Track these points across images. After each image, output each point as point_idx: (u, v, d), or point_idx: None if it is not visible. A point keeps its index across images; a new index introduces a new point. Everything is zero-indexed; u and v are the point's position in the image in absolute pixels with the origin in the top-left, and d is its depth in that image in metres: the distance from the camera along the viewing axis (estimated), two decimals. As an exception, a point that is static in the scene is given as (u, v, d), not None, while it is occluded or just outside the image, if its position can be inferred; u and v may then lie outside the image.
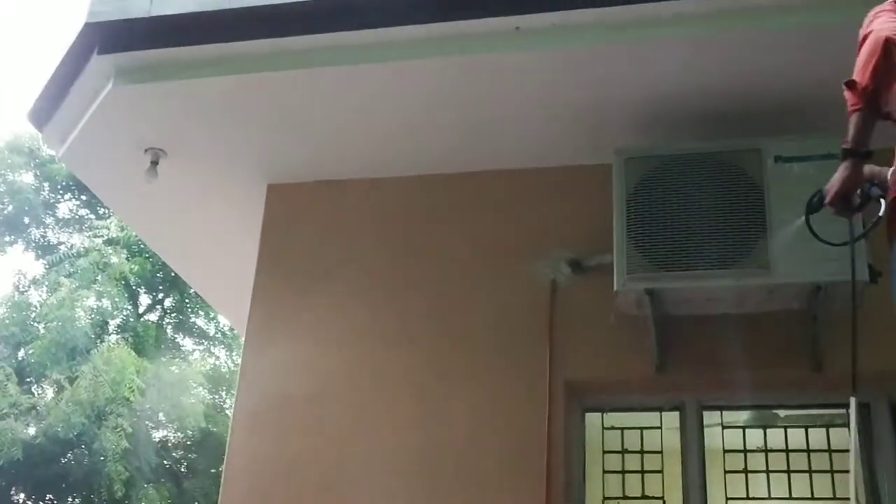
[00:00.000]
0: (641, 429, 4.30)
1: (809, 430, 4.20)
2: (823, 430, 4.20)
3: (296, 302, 4.67)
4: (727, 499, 4.16)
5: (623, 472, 4.27)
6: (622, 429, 4.33)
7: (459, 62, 4.04)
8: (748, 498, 4.15)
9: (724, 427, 4.26)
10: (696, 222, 3.85)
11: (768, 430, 4.26)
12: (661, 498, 4.20)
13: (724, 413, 4.27)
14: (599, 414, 4.34)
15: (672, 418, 4.25)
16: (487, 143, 4.49)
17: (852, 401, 2.81)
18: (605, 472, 4.28)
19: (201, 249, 5.77)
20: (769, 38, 3.80)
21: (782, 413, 4.30)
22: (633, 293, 3.89)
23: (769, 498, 4.14)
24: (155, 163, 4.69)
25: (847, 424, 4.13)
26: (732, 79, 4.00)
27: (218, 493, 4.41)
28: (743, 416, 4.32)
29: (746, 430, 4.26)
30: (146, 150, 4.70)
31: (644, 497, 4.22)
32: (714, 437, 4.23)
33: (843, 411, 4.18)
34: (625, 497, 4.23)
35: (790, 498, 4.11)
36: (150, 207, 5.29)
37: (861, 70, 2.44)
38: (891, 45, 2.39)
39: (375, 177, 4.78)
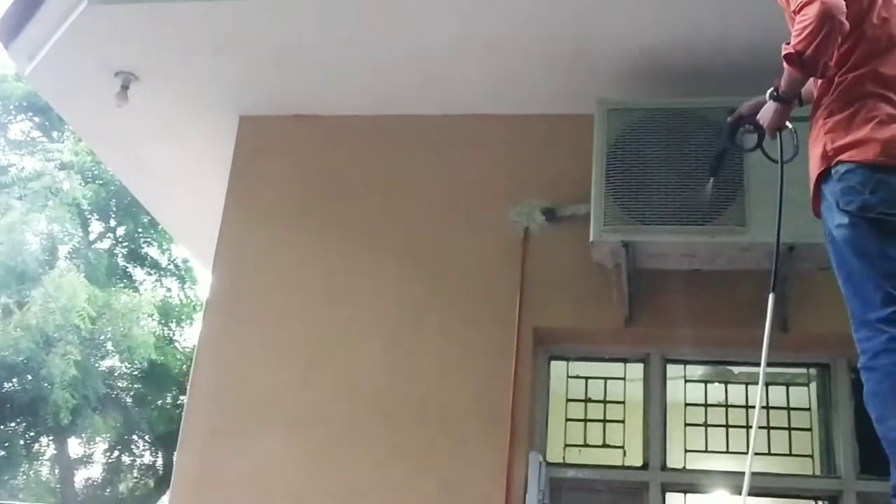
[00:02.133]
0: (605, 379, 4.35)
1: (770, 387, 4.27)
2: (783, 388, 4.28)
3: (265, 238, 4.62)
4: (686, 451, 4.23)
5: (585, 420, 4.32)
6: (586, 378, 4.37)
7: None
8: (707, 451, 4.23)
9: (686, 381, 4.32)
10: (674, 177, 3.85)
11: (729, 386, 4.32)
12: (622, 447, 4.26)
13: (687, 367, 4.33)
14: (565, 362, 4.37)
15: (636, 370, 4.30)
16: (470, 86, 4.44)
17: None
18: (567, 419, 4.33)
19: (166, 178, 5.66)
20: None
21: (745, 370, 4.36)
22: (609, 245, 3.90)
23: (727, 452, 4.21)
24: (126, 87, 4.57)
25: (808, 384, 4.24)
26: (717, 34, 3.99)
27: (164, 423, 4.38)
28: (707, 371, 4.38)
29: (708, 385, 4.32)
30: (117, 74, 4.57)
31: (605, 446, 4.28)
32: (676, 391, 4.30)
33: (804, 371, 4.29)
34: (586, 445, 4.28)
35: (748, 453, 4.18)
36: (117, 131, 5.16)
37: (805, 37, 2.39)
38: (835, 22, 2.35)
39: (353, 114, 4.71)
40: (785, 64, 2.50)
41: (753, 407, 4.23)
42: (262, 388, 4.29)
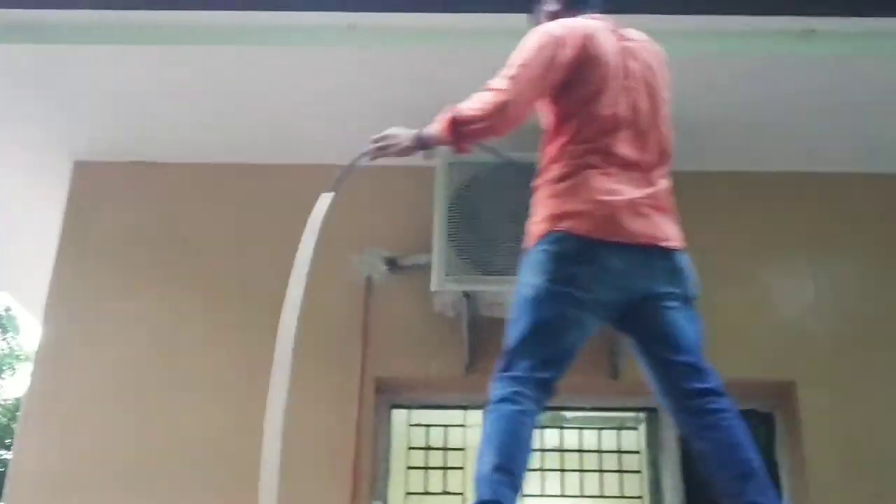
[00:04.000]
0: (445, 426, 4.41)
1: (602, 431, 4.44)
2: (615, 432, 4.45)
3: (99, 286, 4.47)
4: (522, 495, 4.31)
5: (426, 468, 4.36)
6: (427, 426, 4.42)
7: (271, 52, 4.00)
8: (543, 495, 4.34)
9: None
10: (512, 228, 3.93)
11: (564, 431, 4.46)
12: (461, 493, 4.32)
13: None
14: (406, 411, 4.41)
15: (476, 416, 4.37)
16: (312, 136, 4.46)
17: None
18: (408, 467, 4.36)
19: (-7, 221, 5.41)
20: None
21: (579, 415, 4.51)
22: (450, 294, 3.98)
23: (562, 496, 4.34)
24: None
25: (637, 427, 4.43)
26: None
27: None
28: (542, 417, 4.49)
29: (544, 430, 4.44)
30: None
31: (445, 493, 4.33)
32: (513, 437, 4.38)
33: (634, 415, 4.48)
34: (427, 492, 4.32)
35: (582, 496, 4.33)
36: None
37: (473, 114, 2.43)
38: (509, 112, 2.40)
39: (193, 161, 4.65)
40: (443, 120, 2.49)
41: (586, 451, 4.41)
42: (93, 444, 4.13)
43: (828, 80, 4.01)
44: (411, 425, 4.42)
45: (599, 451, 4.40)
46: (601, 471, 4.36)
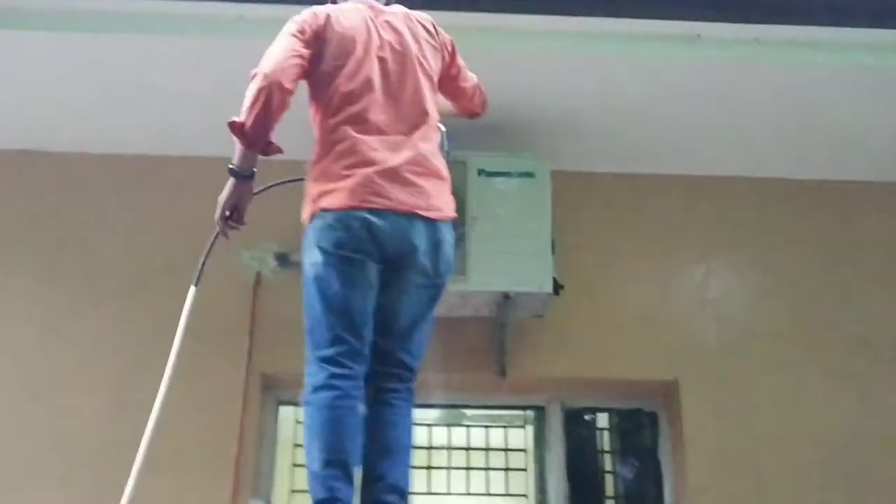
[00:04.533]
0: (333, 423, 4.35)
1: (490, 429, 4.45)
2: (503, 430, 4.46)
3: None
4: (409, 492, 4.30)
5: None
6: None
7: (162, 42, 3.91)
8: (429, 493, 4.34)
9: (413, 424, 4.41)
10: None
11: (452, 429, 4.46)
12: (346, 491, 4.27)
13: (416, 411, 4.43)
14: (294, 407, 4.36)
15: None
16: (203, 129, 4.36)
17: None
18: (294, 465, 4.31)
19: None
20: (492, 61, 3.94)
21: (468, 413, 4.53)
22: (334, 289, 3.93)
23: (448, 493, 4.34)
24: None
25: (524, 426, 4.46)
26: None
27: None
28: (432, 415, 4.49)
29: (432, 428, 4.44)
30: None
31: (330, 490, 4.28)
32: (402, 434, 4.37)
33: (522, 413, 4.50)
34: (313, 490, 4.27)
35: (468, 493, 4.34)
36: None
37: (247, 110, 2.50)
38: (273, 92, 2.47)
39: (84, 151, 4.53)
40: (232, 134, 2.56)
41: (474, 449, 4.42)
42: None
43: (713, 85, 4.08)
44: (299, 422, 4.36)
45: (487, 449, 4.40)
46: (488, 468, 4.36)
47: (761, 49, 3.87)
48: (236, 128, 2.51)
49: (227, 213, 2.73)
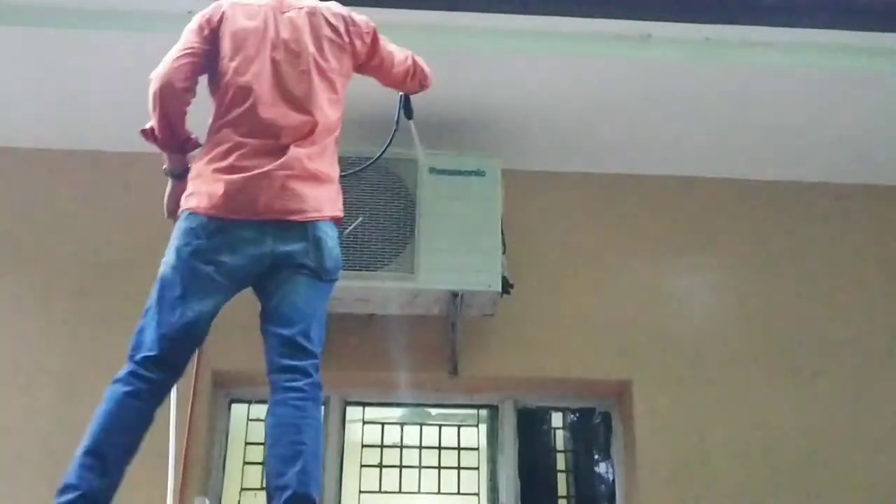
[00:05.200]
0: (286, 421, 4.33)
1: (443, 428, 4.44)
2: (455, 429, 4.45)
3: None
4: (360, 492, 4.30)
5: (263, 463, 4.25)
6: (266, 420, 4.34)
7: (100, 37, 3.88)
8: (380, 492, 4.32)
9: (364, 423, 4.40)
10: (350, 223, 3.92)
11: (405, 428, 4.44)
12: (295, 489, 4.25)
13: (366, 409, 4.43)
14: (246, 405, 4.35)
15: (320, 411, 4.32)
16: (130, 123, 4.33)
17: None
18: (245, 463, 4.29)
19: None
20: (444, 58, 3.86)
21: (419, 411, 4.51)
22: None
23: (399, 492, 4.32)
24: None
25: (477, 425, 4.45)
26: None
27: None
28: (384, 413, 4.48)
29: (384, 427, 4.42)
30: None
31: (278, 488, 4.26)
32: (354, 433, 4.37)
33: (474, 412, 4.49)
34: (262, 488, 4.21)
35: (419, 492, 4.33)
36: None
37: (151, 115, 2.58)
38: (165, 94, 2.52)
39: (46, 147, 4.51)
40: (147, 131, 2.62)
41: (426, 448, 4.40)
42: None
43: (664, 85, 4.08)
44: (250, 420, 4.35)
45: (439, 448, 4.38)
46: (440, 467, 4.34)
47: (712, 48, 3.87)
48: (148, 134, 2.56)
49: (172, 209, 2.74)
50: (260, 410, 4.35)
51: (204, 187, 2.49)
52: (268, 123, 2.55)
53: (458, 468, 4.36)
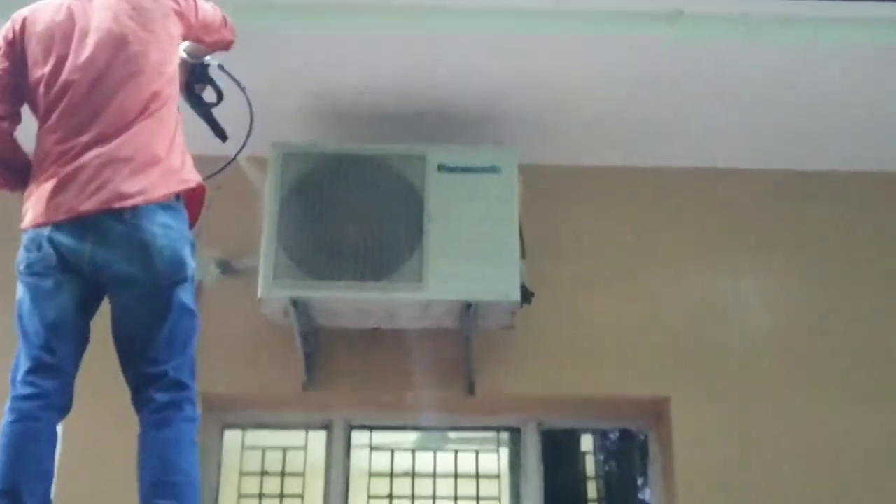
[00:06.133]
0: (284, 449, 4.04)
1: (459, 454, 4.13)
2: (473, 454, 4.14)
3: None
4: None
5: (260, 495, 3.98)
6: (264, 448, 4.03)
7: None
8: (391, 524, 3.99)
9: (371, 449, 4.08)
10: (351, 228, 3.67)
11: (417, 454, 4.13)
12: (299, 524, 3.94)
13: (374, 434, 4.12)
14: (240, 431, 4.05)
15: (319, 437, 4.02)
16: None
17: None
18: (241, 495, 3.99)
19: None
20: (452, 41, 3.64)
21: (434, 435, 4.21)
22: (278, 302, 3.60)
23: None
24: None
25: (497, 449, 4.11)
26: (406, 81, 3.82)
27: None
28: (393, 438, 4.14)
29: (394, 453, 4.11)
30: None
31: (281, 524, 3.94)
32: (361, 460, 4.07)
33: (493, 435, 4.17)
34: (261, 524, 3.92)
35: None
36: None
37: None
38: None
39: None
40: None
41: (440, 476, 4.07)
42: None
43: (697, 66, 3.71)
44: (246, 448, 4.02)
45: (455, 476, 4.06)
46: (456, 497, 4.01)
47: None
48: None
49: None
50: (256, 437, 4.05)
51: (28, 203, 2.44)
52: (83, 121, 2.43)
53: (477, 498, 4.04)
